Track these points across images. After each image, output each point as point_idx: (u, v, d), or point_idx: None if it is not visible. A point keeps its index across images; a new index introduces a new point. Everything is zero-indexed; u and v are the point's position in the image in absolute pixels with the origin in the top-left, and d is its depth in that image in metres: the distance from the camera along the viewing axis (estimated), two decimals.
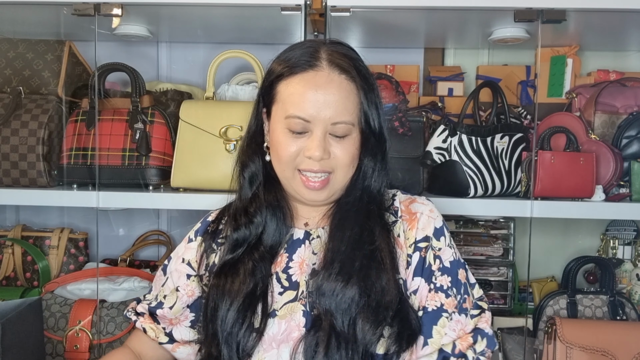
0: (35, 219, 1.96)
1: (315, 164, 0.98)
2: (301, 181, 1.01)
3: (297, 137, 0.99)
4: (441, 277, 1.02)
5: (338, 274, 0.96)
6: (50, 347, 1.46)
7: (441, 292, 1.01)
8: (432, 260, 1.03)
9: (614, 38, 1.72)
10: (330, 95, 0.97)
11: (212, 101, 1.53)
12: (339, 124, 0.98)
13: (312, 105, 0.96)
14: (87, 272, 1.63)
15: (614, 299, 1.56)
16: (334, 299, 0.95)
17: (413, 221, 1.05)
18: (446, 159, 1.47)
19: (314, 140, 0.97)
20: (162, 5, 1.48)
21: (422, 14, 1.52)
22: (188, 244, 1.14)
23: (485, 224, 1.77)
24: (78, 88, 1.66)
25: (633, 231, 1.79)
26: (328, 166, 1.00)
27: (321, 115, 0.97)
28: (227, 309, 1.00)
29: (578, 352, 1.42)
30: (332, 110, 0.97)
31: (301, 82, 0.98)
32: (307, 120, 0.97)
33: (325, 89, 0.97)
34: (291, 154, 0.99)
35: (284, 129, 0.99)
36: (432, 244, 1.03)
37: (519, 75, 1.82)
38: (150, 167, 1.48)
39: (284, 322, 1.00)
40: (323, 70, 0.98)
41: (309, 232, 1.07)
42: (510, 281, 1.75)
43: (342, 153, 0.99)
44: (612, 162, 1.49)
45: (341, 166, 1.00)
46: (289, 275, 1.04)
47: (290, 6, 1.43)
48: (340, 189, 1.04)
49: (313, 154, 0.97)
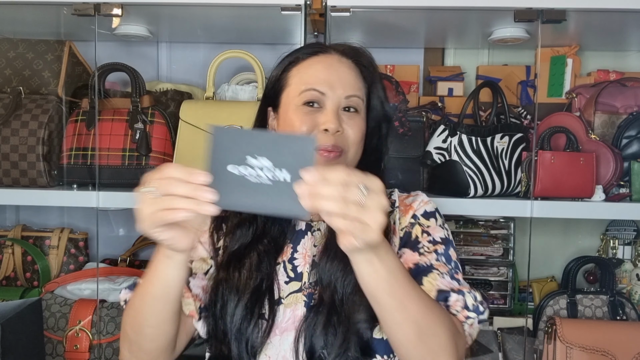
0: (35, 219, 1.96)
1: (330, 138, 0.99)
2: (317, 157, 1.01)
3: (310, 113, 1.00)
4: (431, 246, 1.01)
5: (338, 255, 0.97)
6: (50, 347, 1.46)
7: (431, 255, 1.00)
8: (420, 233, 1.04)
9: (614, 38, 1.73)
10: (342, 72, 1.02)
11: (212, 101, 1.53)
12: (352, 97, 1.01)
13: (326, 79, 1.01)
14: (87, 272, 1.63)
15: (614, 299, 1.56)
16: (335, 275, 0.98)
17: (408, 209, 1.08)
18: (446, 159, 1.47)
19: (329, 113, 1.00)
20: (162, 5, 1.48)
21: (422, 14, 1.52)
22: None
23: (485, 224, 1.77)
24: (78, 88, 1.66)
25: (633, 231, 1.79)
26: (341, 143, 1.01)
27: (335, 89, 1.00)
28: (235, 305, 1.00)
29: (578, 352, 1.42)
30: (346, 84, 1.01)
31: (313, 62, 1.04)
32: (322, 92, 1.00)
33: (337, 67, 1.02)
34: (305, 129, 1.00)
35: (298, 105, 1.01)
36: (419, 221, 1.05)
37: (519, 75, 1.82)
38: (150, 167, 1.48)
39: (290, 310, 1.02)
40: (333, 54, 1.04)
41: (311, 224, 1.08)
42: (510, 281, 1.75)
43: (352, 130, 1.02)
44: (612, 162, 1.49)
45: (352, 145, 1.02)
46: (294, 265, 1.05)
47: (290, 6, 1.43)
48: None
49: (329, 125, 0.98)
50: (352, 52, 1.06)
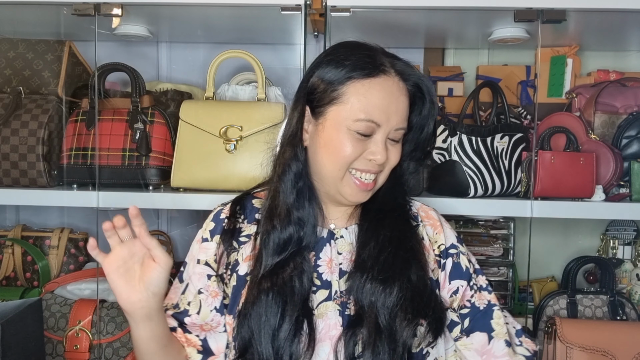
0: (35, 219, 1.96)
1: (375, 166, 1.02)
2: (352, 181, 1.02)
3: (361, 140, 1.00)
4: (477, 277, 1.12)
5: (377, 276, 0.99)
6: (50, 347, 1.46)
7: (484, 291, 1.11)
8: (467, 263, 1.11)
9: (614, 38, 1.73)
10: (400, 102, 1.01)
11: (212, 101, 1.53)
12: (400, 129, 1.02)
13: (385, 110, 0.99)
14: (87, 272, 1.63)
15: (614, 299, 1.56)
16: (376, 296, 0.99)
17: (438, 227, 1.12)
18: (446, 159, 1.47)
19: (379, 144, 1.00)
20: (162, 5, 1.48)
21: (422, 14, 1.52)
22: (203, 244, 1.10)
23: (485, 224, 1.77)
24: (78, 88, 1.66)
25: (633, 231, 1.79)
26: (381, 168, 1.04)
27: (390, 121, 1.00)
28: (281, 321, 0.98)
29: (578, 352, 1.42)
30: (398, 117, 1.01)
31: (374, 85, 1.00)
32: (379, 125, 1.00)
33: (396, 96, 1.01)
34: (353, 155, 1.00)
35: (349, 130, 0.99)
36: (460, 250, 1.11)
37: (519, 75, 1.82)
38: (150, 167, 1.48)
39: (321, 321, 1.01)
40: (392, 76, 1.02)
41: (332, 231, 1.08)
42: (510, 281, 1.75)
43: (394, 157, 1.04)
44: (612, 162, 1.49)
45: (389, 167, 1.05)
46: (320, 273, 1.05)
47: (290, 6, 1.43)
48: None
49: (377, 158, 1.00)
50: (411, 77, 1.04)
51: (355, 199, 1.04)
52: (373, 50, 1.05)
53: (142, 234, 0.95)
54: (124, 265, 0.95)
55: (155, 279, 0.95)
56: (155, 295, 0.96)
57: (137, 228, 0.95)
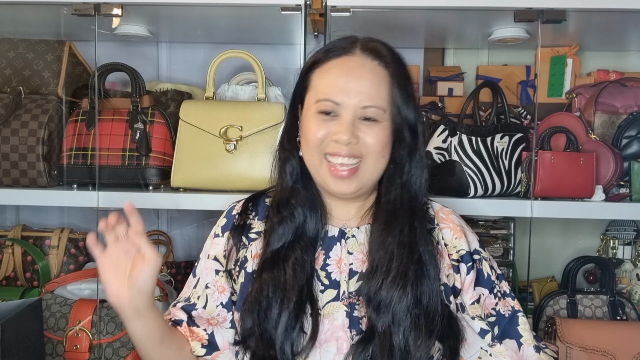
0: (35, 219, 1.95)
1: (342, 147, 0.98)
2: (328, 169, 1.00)
3: (326, 121, 0.99)
4: (500, 283, 1.10)
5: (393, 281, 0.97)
6: (50, 347, 1.46)
7: (508, 297, 1.09)
8: (490, 270, 1.09)
9: (614, 38, 1.72)
10: (362, 79, 0.98)
11: (212, 101, 1.53)
12: (369, 107, 0.98)
13: (343, 89, 0.97)
14: (87, 272, 1.63)
15: (614, 299, 1.56)
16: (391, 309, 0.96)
17: (459, 231, 1.09)
18: (446, 159, 1.47)
19: (343, 124, 0.97)
20: (162, 5, 1.48)
21: (422, 14, 1.52)
22: (214, 240, 1.12)
23: (485, 224, 1.77)
24: (78, 88, 1.66)
25: (633, 231, 1.79)
26: (357, 151, 0.99)
27: (351, 99, 0.97)
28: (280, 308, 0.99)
29: (578, 352, 1.42)
30: (363, 95, 0.97)
31: (333, 67, 1.00)
32: (337, 103, 0.97)
33: (356, 72, 0.98)
34: (319, 137, 0.99)
35: (314, 113, 1.00)
36: (483, 256, 1.09)
37: (519, 75, 1.82)
38: (150, 167, 1.48)
39: (327, 321, 1.01)
40: (356, 55, 1.00)
41: (344, 230, 1.07)
42: (510, 281, 1.75)
43: (372, 139, 0.98)
44: (612, 162, 1.49)
45: (371, 153, 0.99)
46: (328, 273, 1.04)
47: (290, 6, 1.43)
48: (371, 183, 1.03)
49: (340, 137, 0.97)
50: (379, 49, 1.01)
51: (338, 189, 1.01)
52: (346, 37, 1.04)
53: (135, 230, 0.97)
54: (117, 261, 0.97)
55: (143, 277, 0.96)
56: (143, 293, 0.97)
57: (133, 224, 0.97)
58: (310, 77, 1.02)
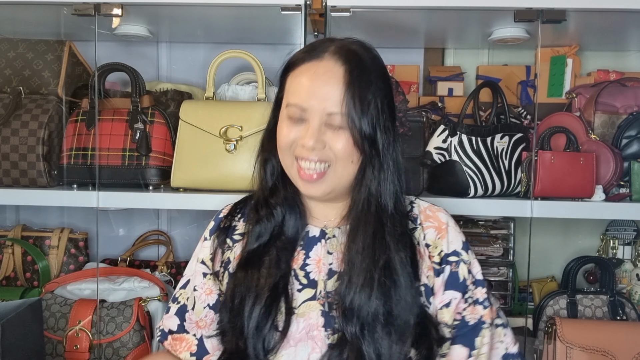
0: (35, 219, 1.95)
1: (310, 152, 0.98)
2: (297, 172, 1.01)
3: (295, 125, 1.00)
4: (475, 289, 1.05)
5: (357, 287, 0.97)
6: (50, 347, 1.46)
7: (478, 305, 1.05)
8: (466, 274, 1.05)
9: (614, 38, 1.73)
10: (329, 86, 0.97)
11: (212, 101, 1.53)
12: (335, 114, 0.97)
13: (310, 95, 0.97)
14: (87, 272, 1.63)
15: (614, 299, 1.56)
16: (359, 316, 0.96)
17: (442, 231, 1.06)
18: (446, 159, 1.47)
19: (309, 130, 0.98)
20: (162, 5, 1.48)
21: (422, 14, 1.52)
22: (203, 243, 1.13)
23: (485, 224, 1.77)
24: (78, 88, 1.66)
25: (633, 231, 1.79)
26: (325, 156, 0.99)
27: (317, 105, 0.97)
28: (253, 303, 1.00)
29: (578, 352, 1.42)
30: (328, 101, 0.97)
31: (303, 71, 1.00)
32: (304, 109, 0.98)
33: (323, 79, 0.97)
34: (288, 141, 1.00)
35: (285, 117, 1.01)
36: (462, 258, 1.05)
37: (519, 75, 1.82)
38: (150, 167, 1.48)
39: (302, 320, 1.01)
40: (325, 60, 0.99)
41: (325, 230, 1.07)
42: (510, 281, 1.75)
43: (339, 145, 0.98)
44: (612, 162, 1.49)
45: (339, 159, 0.99)
46: (307, 272, 1.04)
47: (290, 6, 1.43)
48: (342, 186, 1.03)
49: (306, 142, 0.97)
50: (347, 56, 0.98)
51: (307, 192, 1.02)
52: (320, 40, 1.05)
53: None
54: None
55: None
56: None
57: None
58: (285, 79, 1.04)
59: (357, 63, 0.99)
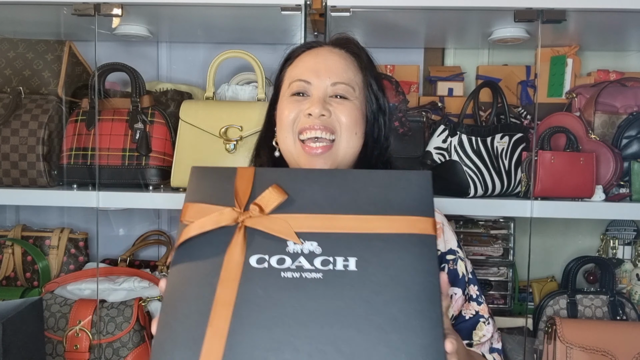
0: (35, 219, 1.96)
1: (315, 120, 0.99)
2: (302, 149, 1.00)
3: (298, 101, 1.01)
4: (469, 287, 1.08)
5: None
6: (50, 347, 1.46)
7: (473, 301, 1.07)
8: (464, 270, 1.07)
9: (614, 38, 1.73)
10: (330, 60, 1.02)
11: (212, 101, 1.53)
12: (339, 84, 1.00)
13: (313, 69, 1.01)
14: (87, 272, 1.63)
15: (614, 299, 1.56)
16: None
17: (438, 230, 1.08)
18: (446, 159, 1.47)
19: (314, 100, 0.99)
20: (162, 5, 1.48)
21: (422, 14, 1.52)
22: None
23: (485, 224, 1.77)
24: (78, 88, 1.66)
25: (633, 231, 1.79)
26: (330, 125, 0.99)
27: (321, 78, 1.00)
28: None
29: (578, 352, 1.42)
30: (332, 73, 1.00)
31: (304, 57, 1.04)
32: (308, 82, 1.00)
33: (326, 56, 1.02)
34: (292, 117, 1.01)
35: (288, 96, 1.02)
36: (459, 255, 1.08)
37: (519, 75, 1.82)
38: (150, 167, 1.48)
39: None
40: (326, 46, 1.05)
41: None
42: (510, 281, 1.75)
43: (344, 115, 1.00)
44: (612, 162, 1.49)
45: (344, 129, 1.00)
46: None
47: (290, 6, 1.43)
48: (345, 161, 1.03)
49: (313, 110, 0.98)
50: (344, 42, 1.06)
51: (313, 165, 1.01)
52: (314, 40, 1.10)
53: None
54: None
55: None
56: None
57: None
58: (284, 73, 1.06)
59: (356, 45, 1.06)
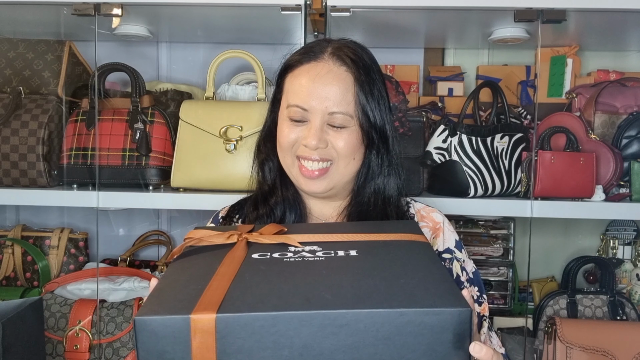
0: (35, 219, 1.96)
1: (312, 152, 1.00)
2: (299, 170, 1.02)
3: (296, 126, 1.01)
4: (469, 287, 1.08)
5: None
6: (50, 347, 1.46)
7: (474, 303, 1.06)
8: (460, 271, 1.07)
9: (614, 38, 1.73)
10: (329, 85, 0.99)
11: (212, 101, 1.53)
12: (336, 114, 0.99)
13: (311, 95, 0.99)
14: (87, 272, 1.63)
15: (614, 299, 1.56)
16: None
17: (437, 230, 1.09)
18: (446, 159, 1.47)
19: (311, 130, 0.99)
20: (162, 5, 1.48)
21: (422, 14, 1.52)
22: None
23: (485, 224, 1.77)
24: (78, 88, 1.66)
25: (633, 231, 1.79)
26: (327, 155, 1.01)
27: (319, 105, 0.98)
28: None
29: (578, 352, 1.42)
30: (330, 101, 0.98)
31: (302, 73, 1.01)
32: (305, 109, 0.99)
33: (324, 79, 0.99)
34: (290, 141, 1.01)
35: (286, 117, 1.02)
36: (455, 256, 1.08)
37: (519, 75, 1.82)
38: (150, 167, 1.48)
39: None
40: (324, 61, 1.01)
41: None
42: (510, 281, 1.75)
43: (341, 143, 1.00)
44: (612, 162, 1.49)
45: (341, 156, 1.01)
46: None
47: (290, 6, 1.43)
48: (342, 184, 1.04)
49: (309, 142, 0.99)
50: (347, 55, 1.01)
51: (309, 188, 1.02)
52: (316, 41, 1.06)
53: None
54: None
55: None
56: None
57: None
58: (284, 80, 1.05)
59: (358, 61, 1.01)
